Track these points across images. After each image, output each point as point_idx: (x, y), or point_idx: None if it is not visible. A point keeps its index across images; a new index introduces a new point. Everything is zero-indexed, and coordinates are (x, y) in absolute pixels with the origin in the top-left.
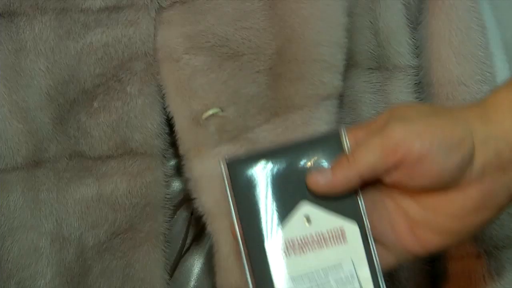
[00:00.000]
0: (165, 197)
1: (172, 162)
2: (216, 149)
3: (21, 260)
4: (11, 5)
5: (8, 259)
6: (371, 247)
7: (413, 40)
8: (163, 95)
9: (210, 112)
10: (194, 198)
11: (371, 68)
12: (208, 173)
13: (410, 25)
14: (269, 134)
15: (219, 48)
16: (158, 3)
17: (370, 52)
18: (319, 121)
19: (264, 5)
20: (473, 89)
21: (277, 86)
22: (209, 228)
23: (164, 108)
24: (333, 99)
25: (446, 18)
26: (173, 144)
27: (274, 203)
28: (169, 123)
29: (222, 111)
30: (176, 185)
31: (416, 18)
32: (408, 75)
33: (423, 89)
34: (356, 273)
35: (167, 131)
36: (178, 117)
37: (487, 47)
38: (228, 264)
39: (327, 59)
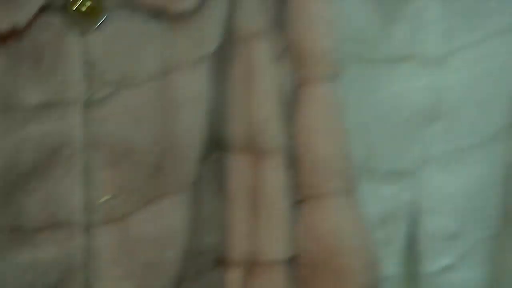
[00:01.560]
0: (85, 262)
1: None
2: (102, 229)
3: None
4: None
5: None
6: None
7: (287, 125)
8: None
9: (103, 199)
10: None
11: (243, 150)
12: (94, 251)
13: (284, 109)
14: (142, 218)
15: (119, 144)
16: (87, 98)
17: (241, 136)
18: (183, 205)
19: (157, 113)
20: (336, 163)
21: (158, 176)
22: None
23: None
24: (192, 184)
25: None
26: None
27: None
28: None
29: (113, 197)
30: None
31: (292, 103)
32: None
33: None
34: None
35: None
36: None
37: (344, 125)
38: None
39: (199, 154)
